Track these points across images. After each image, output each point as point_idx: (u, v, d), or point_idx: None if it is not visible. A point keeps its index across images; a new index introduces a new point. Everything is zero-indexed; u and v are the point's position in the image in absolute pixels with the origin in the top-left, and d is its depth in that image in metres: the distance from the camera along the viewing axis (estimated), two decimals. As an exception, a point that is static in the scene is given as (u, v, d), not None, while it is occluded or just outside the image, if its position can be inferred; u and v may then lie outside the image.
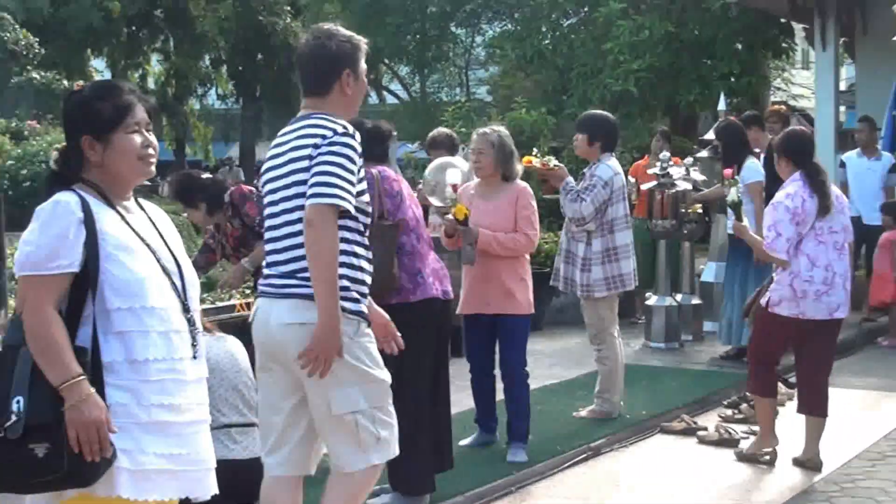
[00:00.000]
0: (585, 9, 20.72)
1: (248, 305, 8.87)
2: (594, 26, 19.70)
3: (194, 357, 3.70)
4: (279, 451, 4.84)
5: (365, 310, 4.72)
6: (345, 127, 4.62)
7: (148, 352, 3.55)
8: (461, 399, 7.53)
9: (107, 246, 3.55)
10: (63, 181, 3.67)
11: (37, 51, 23.41)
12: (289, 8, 36.85)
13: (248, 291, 9.63)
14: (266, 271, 4.77)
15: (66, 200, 3.55)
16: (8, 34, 22.72)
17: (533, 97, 18.49)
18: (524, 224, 7.16)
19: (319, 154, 4.54)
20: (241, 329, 7.30)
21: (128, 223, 3.65)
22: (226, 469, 3.79)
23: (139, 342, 3.55)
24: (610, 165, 8.05)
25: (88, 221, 3.54)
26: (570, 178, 8.03)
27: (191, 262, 3.89)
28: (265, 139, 41.09)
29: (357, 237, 4.70)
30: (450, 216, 7.02)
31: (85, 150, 3.65)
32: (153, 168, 3.75)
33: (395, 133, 6.79)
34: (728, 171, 7.92)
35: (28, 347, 3.48)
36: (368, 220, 4.81)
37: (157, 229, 3.76)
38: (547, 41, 20.45)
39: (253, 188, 7.44)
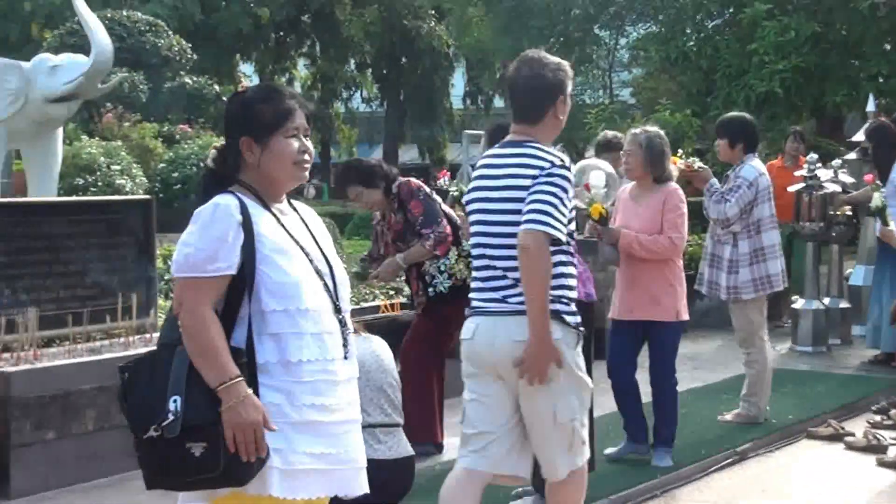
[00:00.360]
0: (730, 10, 20.46)
1: (393, 306, 8.99)
2: (739, 27, 19.44)
3: (345, 357, 3.71)
4: (485, 451, 4.96)
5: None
6: (561, 160, 4.86)
7: (301, 353, 3.57)
8: (603, 402, 7.50)
9: (263, 248, 3.58)
10: (219, 180, 3.73)
11: (189, 56, 23.93)
12: (433, 12, 37.10)
13: (392, 292, 9.77)
14: (480, 289, 4.94)
15: (226, 203, 3.59)
16: (162, 40, 23.28)
17: (677, 99, 18.34)
18: (668, 227, 6.99)
19: (537, 183, 4.75)
20: (384, 329, 7.40)
21: (283, 225, 3.68)
22: (370, 469, 3.82)
23: (293, 343, 3.57)
24: (754, 166, 7.95)
25: (246, 224, 3.57)
26: (715, 180, 7.96)
27: (342, 265, 3.91)
28: (408, 142, 41.51)
29: (569, 258, 4.91)
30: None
31: (243, 150, 3.68)
32: (307, 174, 3.79)
33: None
34: (869, 177, 7.78)
35: (184, 347, 3.53)
36: (574, 243, 5.02)
37: (309, 230, 3.79)
38: (691, 42, 20.24)
39: (421, 184, 7.45)
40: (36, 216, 7.84)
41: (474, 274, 5.02)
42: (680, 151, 8.44)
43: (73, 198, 12.96)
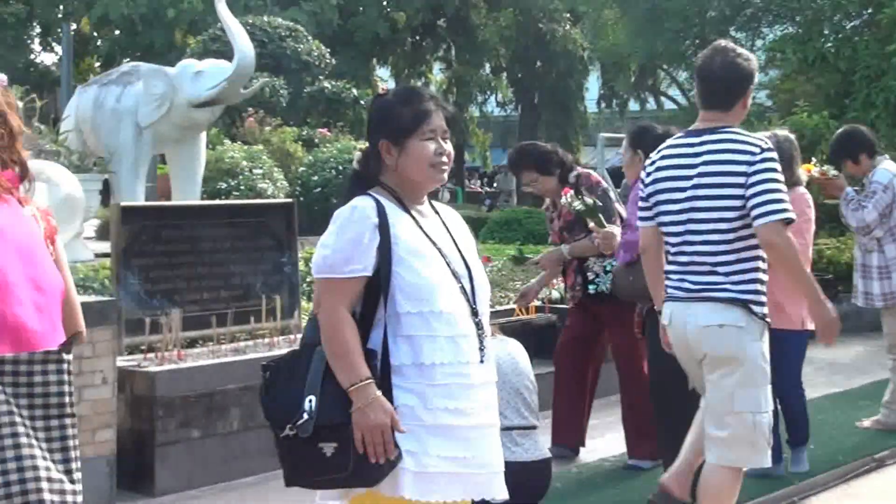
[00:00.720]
0: (869, 10, 20.05)
1: (527, 310, 9.02)
2: (878, 28, 19.04)
3: (482, 361, 3.69)
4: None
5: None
6: (766, 140, 5.02)
7: (435, 356, 3.58)
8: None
9: (399, 251, 3.60)
10: (363, 182, 3.78)
11: (328, 61, 24.23)
12: (568, 15, 37.02)
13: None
14: (676, 275, 5.06)
15: (363, 205, 3.63)
16: (301, 46, 23.61)
17: (814, 101, 18.01)
18: (793, 233, 6.86)
19: (756, 171, 4.90)
20: (519, 333, 7.44)
21: (421, 228, 3.70)
22: (507, 471, 3.83)
23: (427, 346, 3.58)
24: (887, 169, 7.87)
25: (383, 226, 3.60)
26: (850, 188, 7.86)
27: (482, 267, 3.90)
28: (542, 146, 41.39)
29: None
30: None
31: (382, 153, 3.73)
32: (445, 176, 3.80)
33: None
34: None
35: (322, 347, 3.59)
36: None
37: (449, 233, 3.79)
38: (829, 44, 19.90)
39: (601, 180, 7.38)
40: (181, 219, 8.04)
41: (669, 259, 5.12)
42: (814, 160, 8.35)
43: (218, 201, 13.22)
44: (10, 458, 2.18)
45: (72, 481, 2.30)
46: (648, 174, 5.21)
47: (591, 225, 6.81)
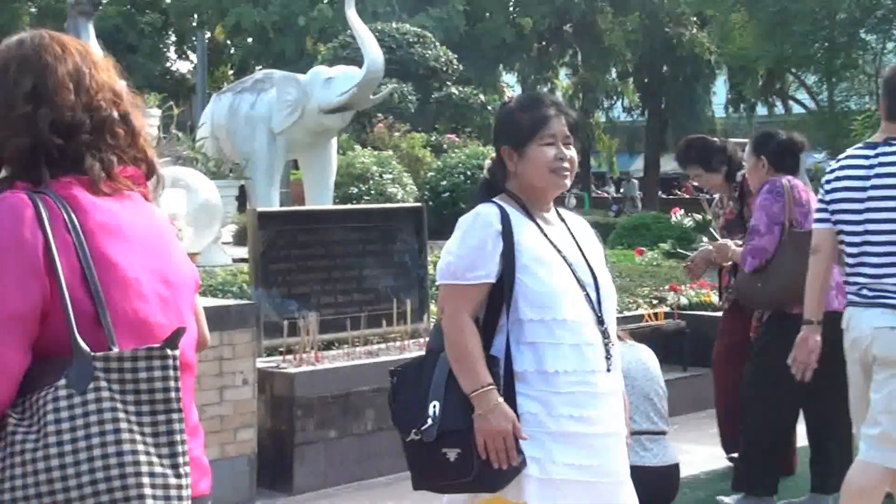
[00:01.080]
0: None
1: (656, 315, 9.02)
2: None
3: (608, 370, 3.66)
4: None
5: None
6: None
7: (558, 363, 3.56)
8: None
9: (523, 258, 3.59)
10: (492, 189, 3.79)
11: (455, 67, 24.38)
12: (695, 19, 36.69)
13: (655, 301, 9.79)
14: (857, 283, 5.03)
15: (487, 212, 3.65)
16: (429, 52, 23.79)
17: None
18: None
19: None
20: (648, 338, 7.44)
21: (545, 235, 3.68)
22: (636, 475, 3.83)
23: (550, 354, 3.56)
24: None
25: (506, 233, 3.59)
26: None
27: (609, 275, 3.87)
28: (669, 151, 41.11)
29: None
30: None
31: (504, 159, 3.74)
32: (567, 181, 3.76)
33: (805, 144, 6.70)
34: None
35: (446, 353, 3.61)
36: None
37: (575, 240, 3.77)
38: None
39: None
40: (315, 224, 8.19)
41: (849, 268, 5.08)
42: None
43: (350, 206, 13.39)
44: (112, 454, 2.21)
45: (177, 475, 2.28)
46: (828, 181, 5.17)
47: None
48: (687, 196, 42.05)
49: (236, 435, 6.45)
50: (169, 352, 2.29)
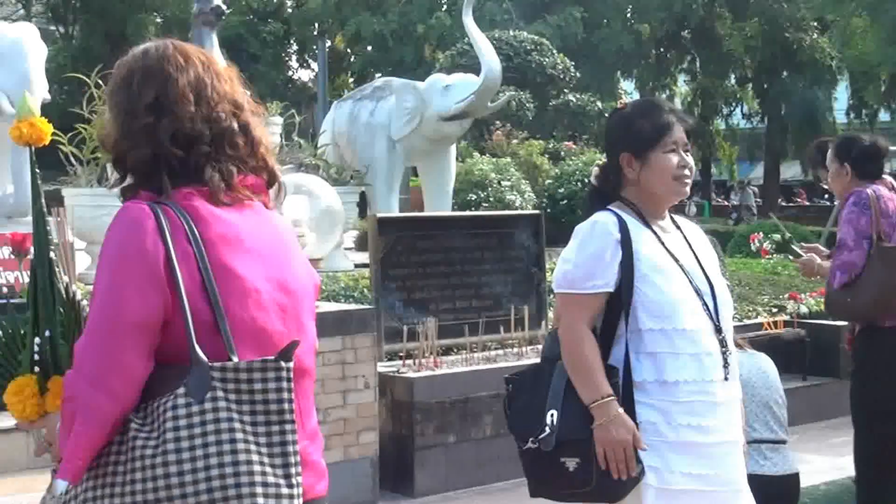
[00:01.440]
0: None
1: (776, 324, 8.95)
2: None
3: (726, 379, 3.61)
4: None
5: None
6: None
7: (678, 373, 3.53)
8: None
9: (642, 267, 3.55)
10: (602, 197, 3.76)
11: (572, 74, 24.35)
12: (815, 24, 36.13)
13: (775, 310, 9.72)
14: None
15: (605, 221, 3.60)
16: (547, 59, 23.79)
17: None
18: None
19: None
20: (767, 347, 7.39)
21: (663, 244, 3.65)
22: (755, 484, 3.79)
23: (670, 363, 3.53)
24: None
25: (625, 242, 3.56)
26: None
27: (725, 283, 3.87)
28: (790, 158, 40.50)
29: None
30: None
31: (623, 166, 3.68)
32: (687, 189, 3.73)
33: (891, 149, 6.53)
34: None
35: (563, 362, 3.59)
36: None
37: (691, 248, 3.73)
38: None
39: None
40: (435, 230, 8.29)
41: None
42: None
43: (469, 212, 13.46)
44: (228, 463, 2.28)
45: (289, 485, 2.35)
46: None
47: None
48: (807, 203, 41.56)
49: (359, 438, 6.57)
50: (283, 363, 2.36)
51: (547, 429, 3.52)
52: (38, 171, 2.92)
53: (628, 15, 35.98)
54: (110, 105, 2.58)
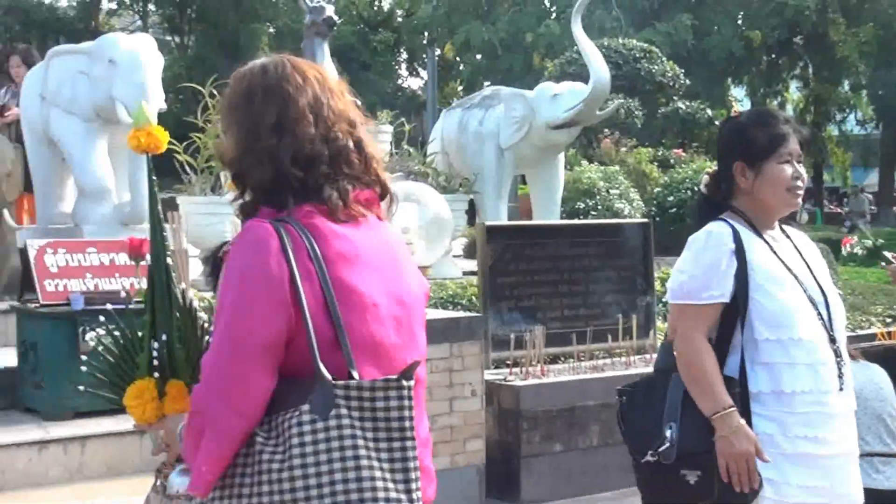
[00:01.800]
0: None
1: (890, 334, 8.79)
2: None
3: (841, 389, 3.60)
4: None
5: None
6: None
7: (794, 384, 3.52)
8: None
9: (756, 276, 3.56)
10: (712, 206, 3.76)
11: (682, 81, 24.14)
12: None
13: (889, 319, 9.55)
14: None
15: (719, 231, 3.62)
16: (656, 67, 23.60)
17: None
18: None
19: None
20: (880, 358, 7.27)
21: (775, 253, 3.65)
22: (867, 497, 3.74)
23: (786, 374, 3.53)
24: None
25: (739, 252, 3.57)
26: None
27: (837, 292, 3.84)
28: (906, 165, 39.70)
29: None
30: None
31: (736, 176, 3.68)
32: (799, 200, 3.73)
33: None
34: None
35: (678, 373, 3.59)
36: None
37: (802, 258, 3.72)
38: None
39: None
40: (543, 238, 8.30)
41: None
42: None
43: (577, 221, 13.43)
44: (352, 479, 2.35)
45: (410, 500, 2.42)
46: None
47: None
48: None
49: (465, 445, 6.61)
50: (405, 382, 2.43)
51: (667, 441, 3.53)
52: (154, 178, 3.01)
53: (739, 21, 35.54)
54: (230, 121, 2.63)
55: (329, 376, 2.42)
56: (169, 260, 2.87)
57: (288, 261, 2.44)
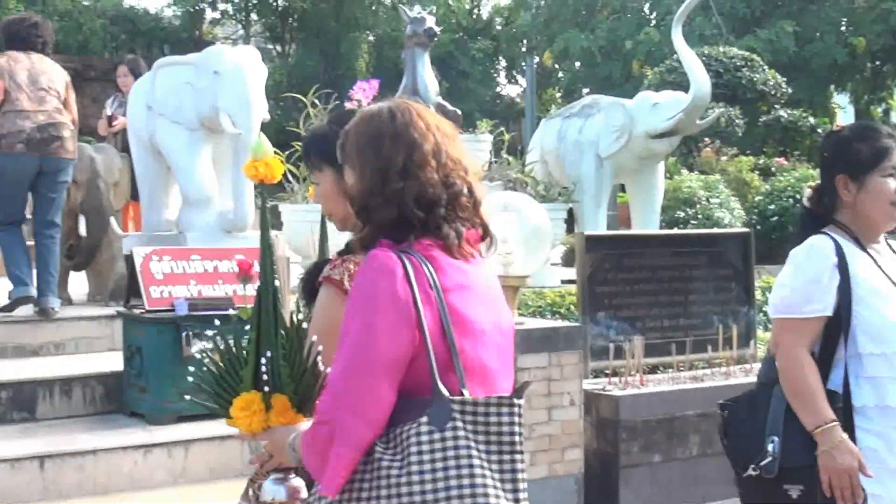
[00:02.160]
0: None
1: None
2: None
3: None
4: None
5: None
6: None
7: None
8: None
9: (859, 290, 3.58)
10: (815, 219, 3.76)
11: (784, 90, 23.90)
12: None
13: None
14: None
15: (821, 245, 3.64)
16: (757, 75, 23.39)
17: None
18: None
19: None
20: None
21: (879, 267, 3.66)
22: None
23: (891, 388, 3.55)
24: None
25: (842, 265, 3.58)
26: None
27: None
28: None
29: None
30: None
31: (839, 189, 3.69)
32: None
33: None
34: None
35: (780, 387, 3.60)
36: None
37: None
38: None
39: None
40: (642, 248, 8.27)
41: None
42: None
43: (677, 230, 13.36)
44: (466, 486, 2.50)
45: None
46: None
47: None
48: None
49: (564, 454, 6.61)
50: (516, 401, 2.60)
51: (769, 455, 3.54)
52: (264, 193, 3.12)
53: (842, 28, 35.04)
54: (358, 160, 2.78)
55: (446, 392, 2.58)
56: (277, 282, 2.99)
57: (411, 286, 2.60)
